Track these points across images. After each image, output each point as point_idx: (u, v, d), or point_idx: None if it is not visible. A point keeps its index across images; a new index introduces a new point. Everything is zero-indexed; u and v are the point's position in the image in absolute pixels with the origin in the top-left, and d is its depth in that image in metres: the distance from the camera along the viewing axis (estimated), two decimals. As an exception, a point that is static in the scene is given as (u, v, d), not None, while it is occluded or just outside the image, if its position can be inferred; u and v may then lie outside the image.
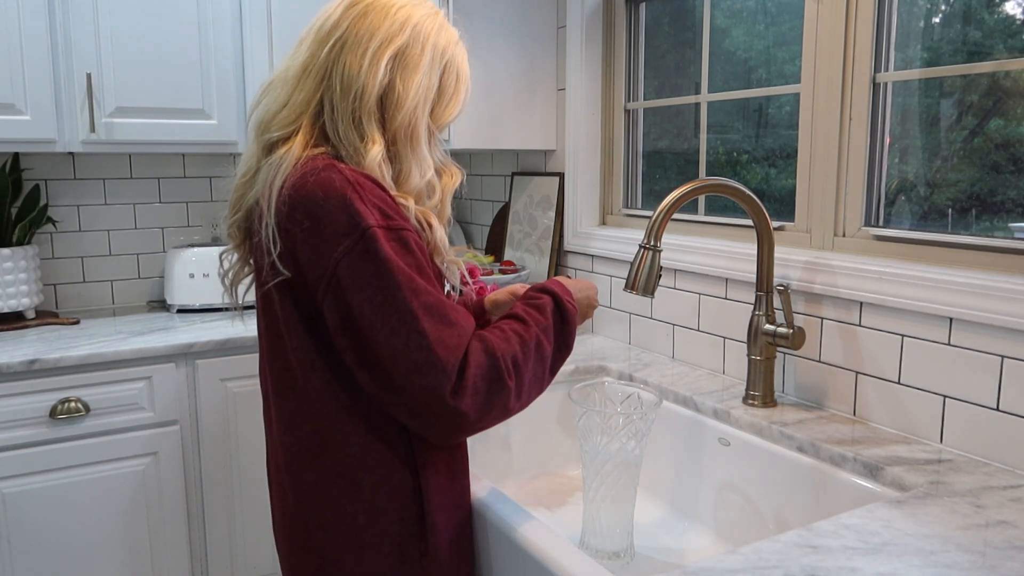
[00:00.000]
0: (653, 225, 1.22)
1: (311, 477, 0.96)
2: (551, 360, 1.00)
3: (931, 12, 1.31)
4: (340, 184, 0.89)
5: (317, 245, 0.88)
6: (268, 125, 0.99)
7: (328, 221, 0.88)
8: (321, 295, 0.89)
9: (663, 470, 1.47)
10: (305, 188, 0.89)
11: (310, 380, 0.94)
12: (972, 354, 1.14)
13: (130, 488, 1.94)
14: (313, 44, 0.99)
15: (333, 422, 0.94)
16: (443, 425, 0.90)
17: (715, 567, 0.83)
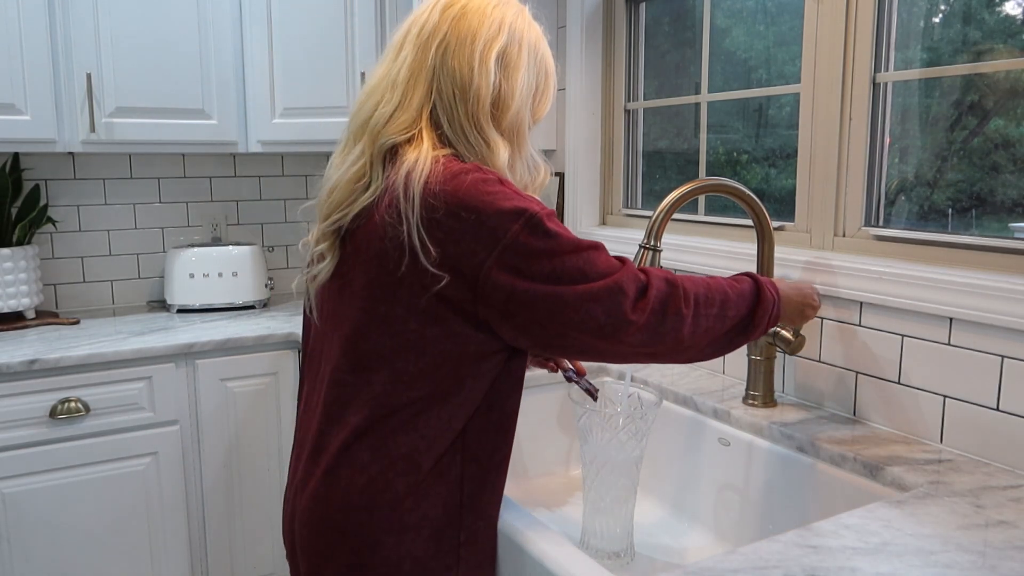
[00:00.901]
0: (653, 225, 1.22)
1: (370, 456, 0.97)
2: (733, 326, 1.05)
3: (931, 12, 1.31)
4: (495, 181, 0.95)
5: (480, 233, 0.91)
6: (384, 128, 1.00)
7: (491, 212, 0.92)
8: (483, 280, 0.92)
9: (663, 470, 1.47)
10: (462, 185, 0.93)
11: (415, 364, 0.96)
12: (972, 354, 1.15)
13: (130, 488, 1.94)
14: (415, 48, 1.01)
15: (423, 405, 0.97)
16: (626, 336, 0.96)
17: (715, 567, 0.83)
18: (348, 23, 2.15)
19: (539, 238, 0.92)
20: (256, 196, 2.62)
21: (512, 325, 0.94)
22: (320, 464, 1.01)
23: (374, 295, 0.97)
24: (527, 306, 0.93)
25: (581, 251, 0.95)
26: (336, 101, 2.18)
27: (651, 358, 1.03)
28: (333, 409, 1.01)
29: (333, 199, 1.02)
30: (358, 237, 0.99)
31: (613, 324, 0.95)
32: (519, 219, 0.92)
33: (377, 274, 0.97)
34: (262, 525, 2.12)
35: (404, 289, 0.95)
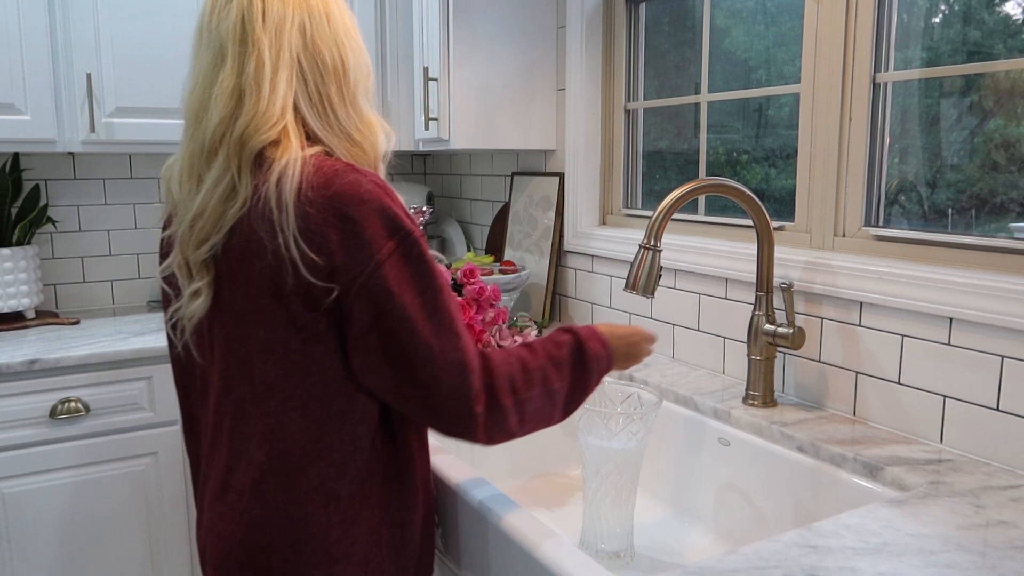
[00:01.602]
0: (653, 225, 1.22)
1: (284, 495, 0.92)
2: (563, 397, 0.98)
3: (931, 12, 1.31)
4: (371, 187, 0.88)
5: (354, 247, 0.86)
6: (248, 133, 0.91)
7: (367, 224, 0.86)
8: (353, 295, 0.86)
9: (663, 470, 1.47)
10: (335, 189, 0.87)
11: (301, 386, 0.91)
12: (972, 354, 1.15)
13: (130, 488, 1.94)
14: (266, 38, 0.93)
15: (320, 429, 0.92)
16: (459, 424, 0.90)
17: (715, 567, 0.84)
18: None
19: (412, 262, 0.88)
20: (256, 196, 2.62)
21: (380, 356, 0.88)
22: (231, 504, 0.95)
23: (257, 318, 0.91)
24: (388, 332, 0.87)
25: (447, 290, 0.91)
26: (336, 101, 2.18)
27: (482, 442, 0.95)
28: (237, 443, 0.95)
29: (203, 227, 0.92)
30: (232, 257, 0.92)
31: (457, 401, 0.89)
32: (395, 237, 0.88)
33: (257, 295, 0.90)
34: (262, 525, 2.12)
35: (285, 308, 0.89)
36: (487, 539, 1.01)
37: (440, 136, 1.95)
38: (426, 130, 1.98)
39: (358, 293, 0.86)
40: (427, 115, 1.95)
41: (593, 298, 1.97)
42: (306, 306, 0.88)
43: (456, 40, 1.90)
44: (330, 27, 0.97)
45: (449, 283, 0.91)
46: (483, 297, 1.58)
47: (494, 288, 1.60)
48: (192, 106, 0.95)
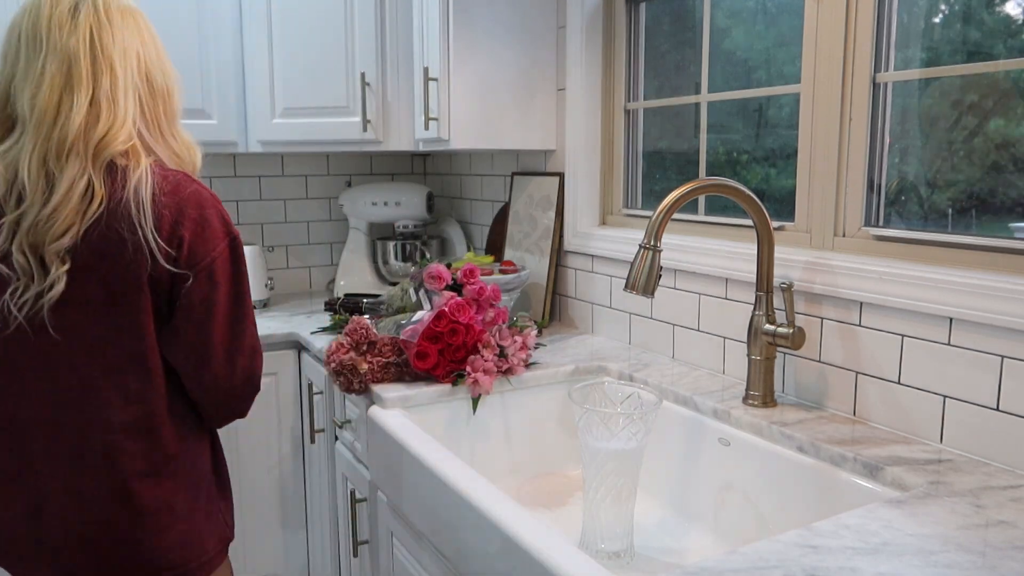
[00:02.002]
0: (653, 225, 1.22)
1: (142, 463, 1.12)
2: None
3: (931, 12, 1.31)
4: (210, 195, 1.14)
5: (199, 243, 1.10)
6: (104, 144, 1.07)
7: (208, 224, 1.11)
8: (191, 282, 1.10)
9: (663, 470, 1.47)
10: (185, 195, 1.11)
11: (153, 360, 1.12)
12: (972, 354, 1.15)
13: (130, 488, 1.94)
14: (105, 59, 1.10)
15: (165, 400, 1.14)
16: (245, 400, 1.24)
17: (715, 567, 0.84)
18: (348, 23, 2.15)
19: (235, 261, 1.15)
20: (256, 196, 2.62)
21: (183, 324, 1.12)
22: (93, 464, 1.11)
23: (115, 303, 1.08)
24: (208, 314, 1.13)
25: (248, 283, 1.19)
26: (336, 101, 2.18)
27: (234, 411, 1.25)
28: (89, 412, 1.11)
29: (61, 222, 1.04)
30: (87, 251, 1.06)
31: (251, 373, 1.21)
32: (226, 238, 1.14)
33: (117, 283, 1.08)
34: (262, 525, 2.12)
35: (145, 293, 1.08)
36: (488, 539, 1.01)
37: (440, 136, 1.95)
38: (426, 130, 1.98)
39: (195, 280, 1.10)
40: (427, 115, 1.95)
41: (593, 298, 1.97)
42: (156, 292, 1.10)
43: (456, 40, 1.90)
44: (158, 56, 1.16)
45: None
46: (483, 297, 1.58)
47: (494, 288, 1.60)
48: (42, 107, 1.07)
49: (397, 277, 2.51)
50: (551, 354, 1.74)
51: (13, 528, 1.13)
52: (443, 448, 1.22)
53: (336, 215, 2.75)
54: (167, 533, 1.14)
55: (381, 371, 1.51)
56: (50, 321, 1.07)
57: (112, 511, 1.11)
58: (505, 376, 1.56)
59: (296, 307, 2.42)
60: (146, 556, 1.13)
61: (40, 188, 1.05)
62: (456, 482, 1.10)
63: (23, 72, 1.09)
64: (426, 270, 1.62)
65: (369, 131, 2.17)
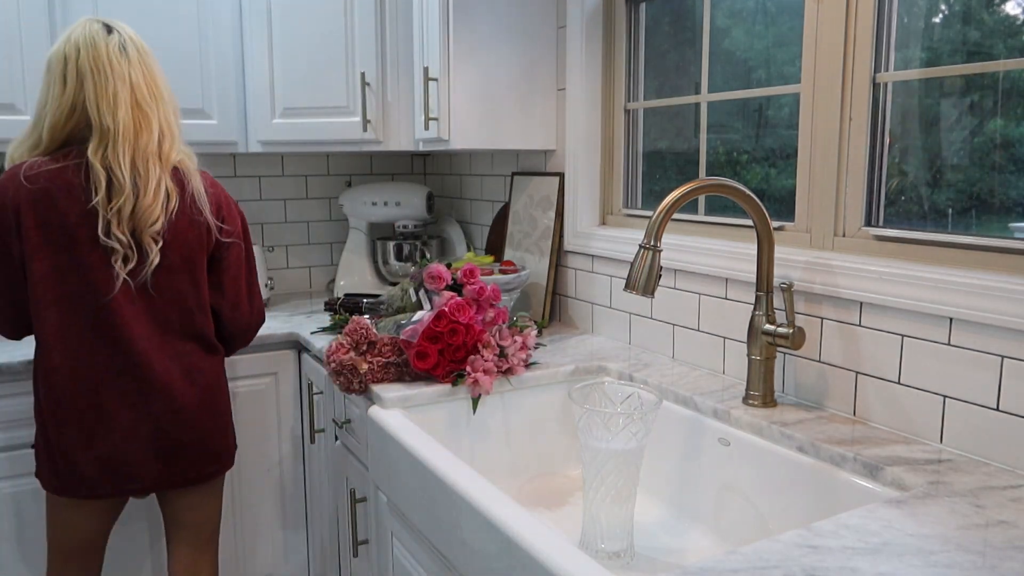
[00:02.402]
0: (653, 225, 1.22)
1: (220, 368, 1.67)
2: None
3: (931, 12, 1.31)
4: (223, 187, 1.67)
5: (231, 220, 1.64)
6: (172, 156, 1.55)
7: (233, 206, 1.67)
8: (230, 247, 1.63)
9: (663, 470, 1.47)
10: (217, 189, 1.64)
11: (207, 304, 1.62)
12: (972, 354, 1.15)
13: (130, 488, 1.94)
14: (148, 88, 1.55)
15: (212, 332, 1.64)
16: (255, 331, 1.76)
17: (715, 567, 0.84)
18: (348, 23, 2.15)
19: (247, 230, 1.73)
20: (256, 196, 2.62)
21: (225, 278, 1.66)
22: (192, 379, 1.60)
23: (191, 266, 1.57)
24: (239, 269, 1.67)
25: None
26: (336, 101, 2.18)
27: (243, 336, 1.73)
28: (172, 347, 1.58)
29: (153, 213, 1.48)
30: (170, 232, 1.52)
31: (262, 310, 1.75)
32: (241, 215, 1.71)
33: (192, 252, 1.56)
34: (263, 525, 2.12)
35: (206, 256, 1.59)
36: (488, 539, 1.01)
37: (440, 136, 1.95)
38: (426, 130, 1.98)
39: (233, 244, 1.64)
40: (427, 115, 1.95)
41: (593, 298, 1.97)
42: (208, 256, 1.60)
43: (456, 40, 1.90)
44: (160, 80, 1.57)
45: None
46: (483, 297, 1.58)
47: (494, 288, 1.60)
48: (126, 123, 1.48)
49: (397, 277, 2.51)
50: (551, 354, 1.74)
51: (140, 447, 1.54)
52: (443, 448, 1.22)
53: (336, 215, 2.75)
54: (228, 426, 1.67)
55: (381, 371, 1.51)
56: (150, 282, 1.51)
57: (197, 413, 1.59)
58: (505, 376, 1.56)
59: (296, 307, 2.42)
60: (215, 442, 1.63)
61: (130, 185, 1.46)
62: (456, 482, 1.10)
63: (94, 93, 1.46)
64: (426, 270, 1.62)
65: (369, 131, 2.17)
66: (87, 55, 1.48)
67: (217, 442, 1.63)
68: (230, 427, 1.68)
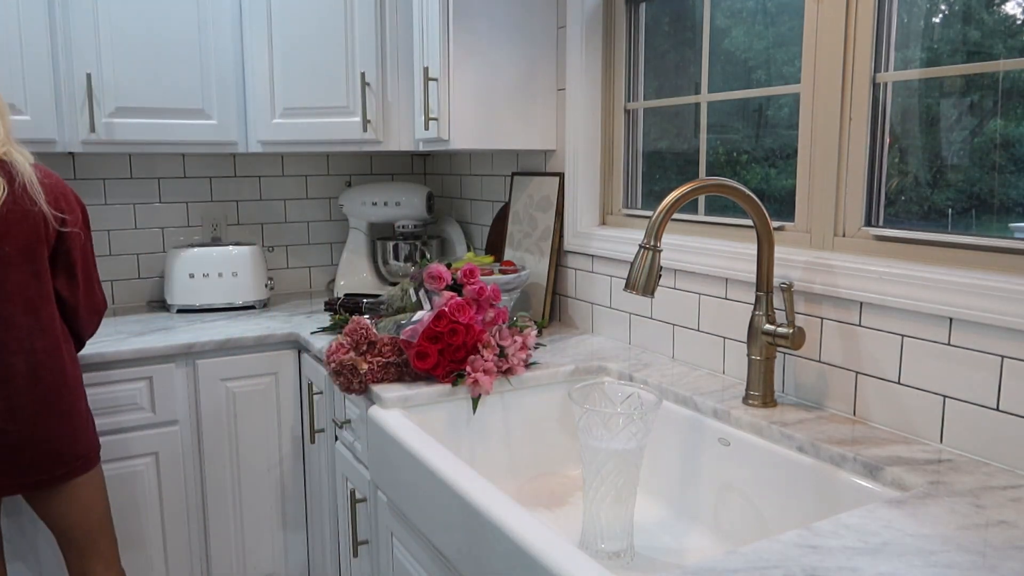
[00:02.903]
0: (653, 225, 1.22)
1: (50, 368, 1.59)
2: None
3: (931, 12, 1.31)
4: (60, 178, 1.67)
5: (70, 211, 1.62)
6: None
7: (71, 197, 1.65)
8: (70, 237, 1.62)
9: (663, 470, 1.47)
10: (53, 180, 1.63)
11: (51, 301, 1.60)
12: (972, 354, 1.15)
13: (131, 488, 1.94)
14: None
15: (59, 326, 1.61)
16: (97, 321, 1.73)
17: (715, 567, 0.84)
18: (348, 23, 2.15)
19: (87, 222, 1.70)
20: (256, 196, 2.62)
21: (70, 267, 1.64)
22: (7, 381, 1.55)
23: (26, 259, 1.55)
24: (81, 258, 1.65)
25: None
26: (336, 101, 2.18)
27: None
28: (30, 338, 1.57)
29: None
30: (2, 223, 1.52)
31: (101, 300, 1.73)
32: (80, 205, 1.69)
33: (27, 243, 1.54)
34: (263, 524, 2.12)
35: (46, 248, 1.58)
36: (488, 539, 1.01)
37: (440, 136, 1.95)
38: (426, 130, 1.98)
39: (73, 234, 1.62)
40: (427, 115, 1.95)
41: (593, 298, 1.97)
42: (50, 246, 1.58)
43: (456, 40, 1.90)
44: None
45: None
46: (483, 297, 1.58)
47: (494, 288, 1.60)
48: None
49: (397, 277, 2.51)
50: (551, 354, 1.74)
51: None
52: (443, 448, 1.22)
53: (336, 215, 2.75)
54: (80, 426, 1.63)
55: (381, 371, 1.51)
56: None
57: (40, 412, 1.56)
58: (505, 376, 1.56)
59: (296, 307, 2.42)
60: (60, 443, 1.59)
61: None
62: (456, 482, 1.10)
63: None
64: (426, 270, 1.62)
65: (369, 131, 2.17)
66: None
67: (63, 443, 1.57)
68: (83, 426, 1.62)
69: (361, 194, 2.56)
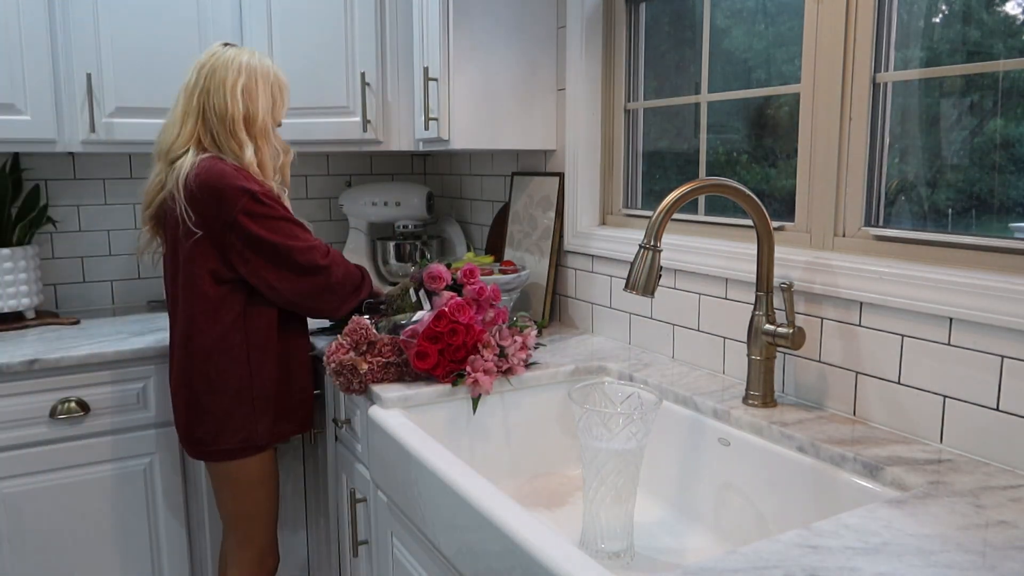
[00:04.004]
0: (653, 225, 1.22)
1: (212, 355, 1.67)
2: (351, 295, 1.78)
3: (931, 12, 1.31)
4: (228, 171, 1.61)
5: (220, 206, 1.59)
6: (168, 149, 1.67)
7: (224, 191, 1.58)
8: (225, 234, 1.60)
9: (663, 470, 1.47)
10: (202, 177, 1.59)
11: (214, 291, 1.64)
12: (972, 354, 1.15)
13: (130, 488, 1.94)
14: (184, 97, 1.69)
15: (225, 317, 1.65)
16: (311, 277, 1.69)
17: (715, 567, 0.84)
18: (348, 23, 2.15)
19: (259, 205, 1.60)
20: (256, 196, 2.62)
21: (243, 260, 1.62)
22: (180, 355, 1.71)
23: (176, 251, 1.66)
24: (254, 247, 1.61)
25: (289, 220, 1.65)
26: (336, 101, 2.18)
27: (318, 299, 1.70)
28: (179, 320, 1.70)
29: (144, 200, 1.72)
30: (168, 219, 1.67)
31: (308, 266, 1.66)
32: (246, 194, 1.59)
33: (174, 238, 1.66)
34: (262, 525, 2.12)
35: (182, 244, 1.63)
36: (488, 539, 1.01)
37: (440, 136, 1.95)
38: (426, 130, 1.98)
39: (228, 231, 1.60)
40: (427, 115, 1.95)
41: (593, 298, 1.97)
42: (190, 241, 1.62)
43: (456, 40, 1.90)
44: (223, 91, 1.65)
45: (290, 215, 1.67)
46: (483, 297, 1.58)
47: (494, 288, 1.60)
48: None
49: (397, 277, 2.51)
50: (551, 354, 1.74)
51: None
52: (443, 448, 1.22)
53: (336, 215, 2.75)
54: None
55: (381, 371, 1.51)
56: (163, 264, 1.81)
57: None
58: (505, 376, 1.56)
59: (296, 307, 2.41)
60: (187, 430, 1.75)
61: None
62: (456, 482, 1.10)
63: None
64: (426, 270, 1.62)
65: (369, 131, 2.17)
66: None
67: (191, 428, 1.73)
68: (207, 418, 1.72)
69: (361, 194, 2.56)
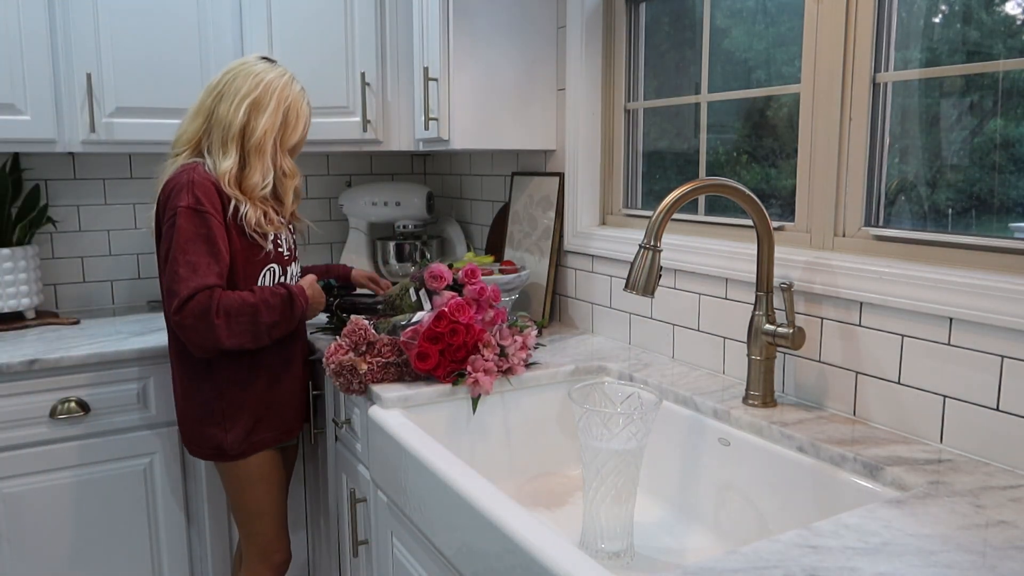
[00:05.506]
0: (653, 225, 1.22)
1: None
2: (267, 326, 1.62)
3: (931, 12, 1.31)
4: (184, 180, 1.59)
5: (164, 211, 1.60)
6: (174, 144, 1.71)
7: (172, 198, 1.58)
8: (160, 239, 1.63)
9: (663, 470, 1.47)
10: (168, 186, 1.62)
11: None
12: (972, 354, 1.15)
13: (130, 488, 1.94)
14: (203, 95, 1.70)
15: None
16: (179, 331, 1.57)
17: (715, 567, 0.84)
18: (348, 23, 2.15)
19: (191, 214, 1.56)
20: (256, 196, 2.62)
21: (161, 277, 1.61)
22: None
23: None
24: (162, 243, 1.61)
25: (198, 242, 1.55)
26: (336, 101, 2.18)
27: (200, 348, 1.59)
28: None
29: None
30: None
31: (169, 288, 1.56)
32: (177, 208, 1.57)
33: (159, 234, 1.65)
34: (262, 525, 2.12)
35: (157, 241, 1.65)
36: (488, 539, 1.01)
37: (440, 136, 1.95)
38: (426, 130, 1.98)
39: (160, 238, 1.61)
40: (427, 115, 1.95)
41: (593, 298, 1.97)
42: (158, 242, 1.65)
43: (456, 40, 1.90)
44: (231, 101, 1.65)
45: (194, 243, 1.55)
46: (483, 297, 1.58)
47: (494, 288, 1.60)
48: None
49: (397, 277, 2.51)
50: (551, 354, 1.74)
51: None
52: (443, 448, 1.22)
53: (336, 215, 2.75)
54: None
55: (381, 371, 1.51)
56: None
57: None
58: (505, 376, 1.56)
59: (296, 307, 2.41)
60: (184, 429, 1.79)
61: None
62: (456, 482, 1.10)
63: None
64: (427, 270, 1.62)
65: (369, 131, 2.17)
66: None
67: (187, 429, 1.76)
68: (197, 421, 1.73)
69: (361, 194, 2.56)
